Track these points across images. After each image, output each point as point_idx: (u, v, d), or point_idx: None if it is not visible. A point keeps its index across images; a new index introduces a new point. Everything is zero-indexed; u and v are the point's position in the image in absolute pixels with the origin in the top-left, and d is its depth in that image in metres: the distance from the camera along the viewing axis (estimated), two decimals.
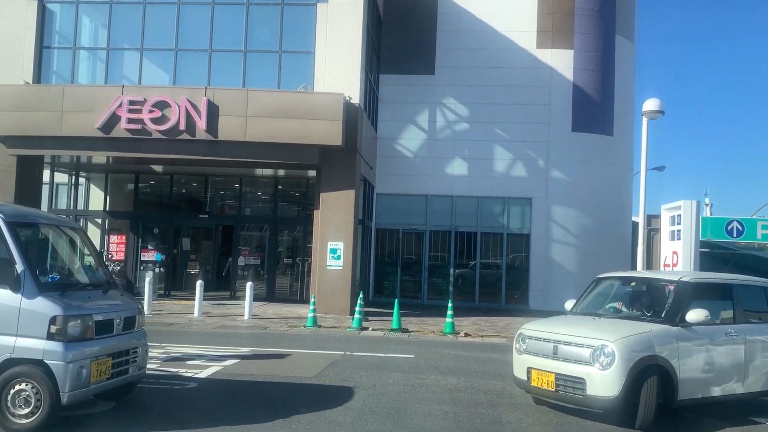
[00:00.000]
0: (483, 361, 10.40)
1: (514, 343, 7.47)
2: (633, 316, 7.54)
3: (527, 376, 7.08)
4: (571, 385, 6.61)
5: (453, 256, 21.07)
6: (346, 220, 16.41)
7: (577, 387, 6.56)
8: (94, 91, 16.61)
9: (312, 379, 8.35)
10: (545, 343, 6.99)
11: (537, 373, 6.94)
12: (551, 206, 20.68)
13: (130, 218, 20.20)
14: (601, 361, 6.44)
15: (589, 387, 6.47)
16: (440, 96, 21.05)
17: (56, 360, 5.40)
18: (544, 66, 20.94)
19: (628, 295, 8.05)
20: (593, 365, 6.49)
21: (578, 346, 6.68)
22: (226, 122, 15.86)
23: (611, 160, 21.38)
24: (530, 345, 7.19)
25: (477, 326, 15.20)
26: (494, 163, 20.86)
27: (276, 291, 19.36)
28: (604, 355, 6.45)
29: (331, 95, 16.04)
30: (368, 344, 11.80)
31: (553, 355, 6.85)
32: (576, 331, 6.92)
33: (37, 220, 6.19)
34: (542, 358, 6.95)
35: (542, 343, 7.04)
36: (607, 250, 20.66)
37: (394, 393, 7.72)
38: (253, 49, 17.43)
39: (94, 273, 6.59)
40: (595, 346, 6.55)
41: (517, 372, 7.33)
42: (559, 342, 6.86)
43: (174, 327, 13.29)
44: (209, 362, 9.16)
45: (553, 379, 6.74)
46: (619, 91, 21.54)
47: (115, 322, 6.02)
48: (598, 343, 6.54)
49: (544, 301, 20.31)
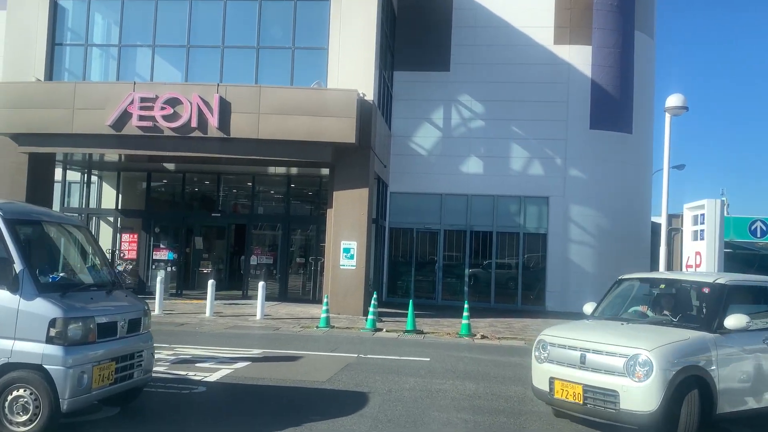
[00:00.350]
0: (501, 364, 10.05)
1: (534, 351, 6.90)
2: (664, 321, 6.99)
3: (550, 386, 6.51)
4: (601, 398, 6.06)
5: (468, 255, 20.71)
6: (359, 218, 16.11)
7: (608, 400, 6.01)
8: (105, 88, 16.43)
9: (325, 383, 8.04)
10: (571, 351, 6.42)
11: (561, 384, 6.38)
12: (569, 205, 20.25)
13: (142, 217, 20.04)
14: (637, 372, 5.90)
15: (623, 400, 5.91)
16: (455, 93, 20.68)
17: (56, 365, 5.13)
18: (562, 62, 20.52)
19: (655, 297, 7.55)
20: (628, 376, 5.94)
21: (610, 355, 6.13)
22: (238, 119, 15.62)
23: (630, 158, 20.92)
24: (553, 353, 6.62)
25: (493, 328, 14.85)
26: (510, 161, 20.47)
27: (288, 291, 19.11)
28: (640, 366, 5.91)
29: (344, 92, 15.75)
30: (382, 346, 11.49)
31: (581, 364, 6.28)
32: (606, 338, 6.36)
33: (38, 218, 5.90)
34: (567, 368, 6.38)
35: (567, 351, 6.46)
36: (625, 250, 20.21)
37: (410, 399, 7.40)
38: (265, 45, 17.18)
39: (98, 273, 6.31)
40: (629, 355, 6.00)
41: (538, 382, 6.75)
42: (588, 350, 6.29)
43: (185, 327, 13.06)
44: (219, 365, 8.90)
45: (581, 391, 6.18)
46: (638, 88, 21.07)
47: (119, 324, 5.74)
48: (633, 351, 6.00)
49: (561, 303, 19.91)
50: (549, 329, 7.03)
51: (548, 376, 6.54)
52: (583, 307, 7.81)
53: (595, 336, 6.49)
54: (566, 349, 6.48)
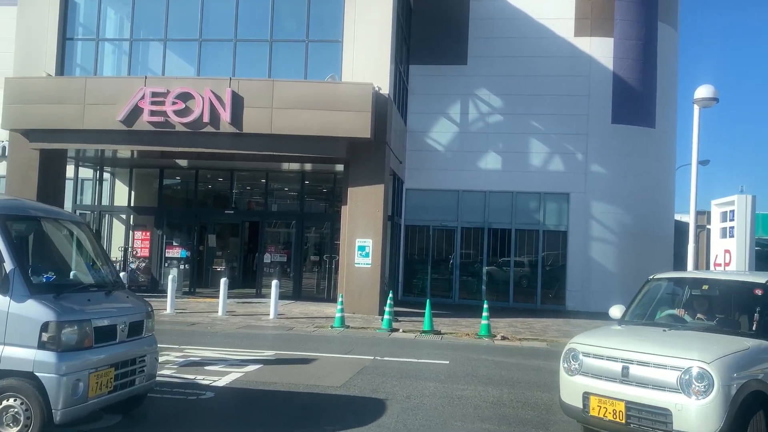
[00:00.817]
0: (525, 368, 9.57)
1: (563, 362, 6.09)
2: (710, 327, 6.28)
3: (583, 403, 5.72)
4: (649, 418, 5.28)
5: (485, 253, 20.21)
6: (374, 216, 15.68)
7: (658, 420, 5.24)
8: (116, 83, 16.15)
9: (340, 389, 7.62)
10: (610, 363, 5.63)
11: (598, 401, 5.59)
12: (590, 202, 19.69)
13: (155, 214, 19.77)
14: (694, 387, 5.14)
15: (676, 421, 5.15)
16: (473, 87, 20.18)
17: (48, 372, 4.74)
18: (583, 55, 19.95)
19: (693, 300, 6.88)
20: (683, 392, 5.17)
21: (659, 368, 5.34)
22: (250, 114, 15.26)
23: (653, 153, 20.30)
24: (587, 364, 5.83)
25: (513, 328, 14.36)
26: (530, 156, 19.94)
27: (303, 289, 18.75)
28: (696, 380, 5.15)
29: (359, 85, 15.32)
30: (399, 348, 11.06)
31: (623, 377, 5.50)
32: (651, 348, 5.58)
33: (32, 214, 5.48)
34: (606, 381, 5.62)
35: (605, 361, 5.68)
36: (648, 248, 19.64)
37: (431, 407, 6.95)
38: (279, 38, 16.77)
39: (97, 272, 5.91)
40: (683, 367, 5.23)
41: (568, 397, 5.95)
42: (631, 361, 5.49)
43: (196, 327, 12.71)
44: (229, 368, 8.51)
45: (623, 409, 5.40)
46: (661, 81, 20.43)
47: (119, 327, 5.33)
48: (687, 363, 5.22)
49: (582, 302, 19.38)
50: (580, 337, 6.30)
51: (582, 391, 5.77)
52: (609, 309, 7.04)
53: (638, 345, 5.71)
54: (604, 360, 5.72)
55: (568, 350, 6.13)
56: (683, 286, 7.23)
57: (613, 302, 19.62)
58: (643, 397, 5.37)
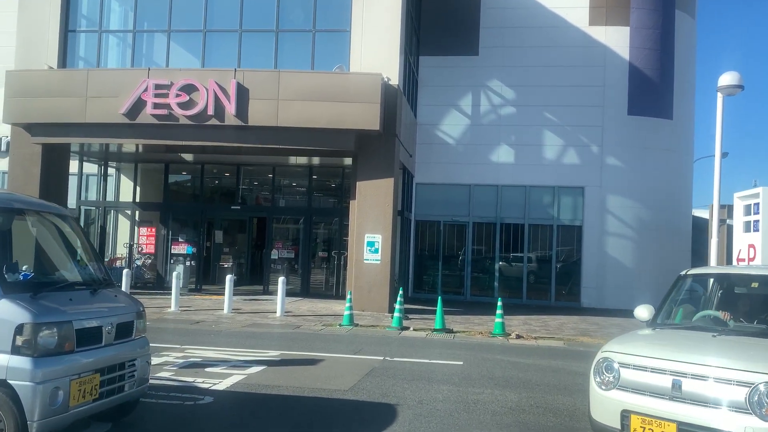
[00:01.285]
0: (542, 369, 9.07)
1: (594, 374, 5.26)
2: None
3: (622, 423, 4.92)
4: None
5: (498, 249, 19.69)
6: (384, 210, 15.20)
7: None
8: (118, 75, 15.75)
9: (347, 392, 7.15)
10: (656, 375, 4.83)
11: (642, 421, 4.79)
12: (606, 196, 19.12)
13: (161, 210, 19.38)
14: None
15: None
16: (484, 78, 19.64)
17: (23, 380, 4.28)
18: (598, 44, 19.36)
19: (738, 299, 6.18)
20: (754, 413, 4.37)
21: (721, 383, 4.55)
22: (256, 106, 14.82)
23: (671, 145, 19.70)
24: (626, 377, 5.01)
25: (528, 326, 13.87)
26: (543, 149, 19.38)
27: (311, 286, 18.32)
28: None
29: (368, 75, 14.84)
30: (410, 347, 10.59)
31: (674, 394, 4.72)
32: (707, 357, 4.76)
33: (9, 205, 5.05)
34: (651, 398, 4.81)
35: (650, 374, 4.88)
36: (665, 244, 19.10)
37: (445, 413, 6.46)
38: (285, 28, 16.29)
39: (83, 269, 5.45)
40: (752, 382, 4.44)
41: (602, 415, 5.13)
42: (684, 374, 4.70)
43: (200, 325, 12.30)
44: (231, 369, 8.07)
45: (675, 431, 4.65)
46: (678, 72, 19.81)
47: (105, 329, 4.87)
48: (758, 378, 4.44)
49: (598, 299, 18.85)
50: (614, 344, 5.44)
51: (619, 409, 4.96)
52: (635, 310, 6.17)
53: (690, 354, 4.88)
54: (648, 372, 4.91)
55: (601, 360, 5.28)
56: (723, 284, 6.51)
57: (630, 299, 19.05)
58: (700, 418, 4.57)
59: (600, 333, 13.29)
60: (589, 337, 12.62)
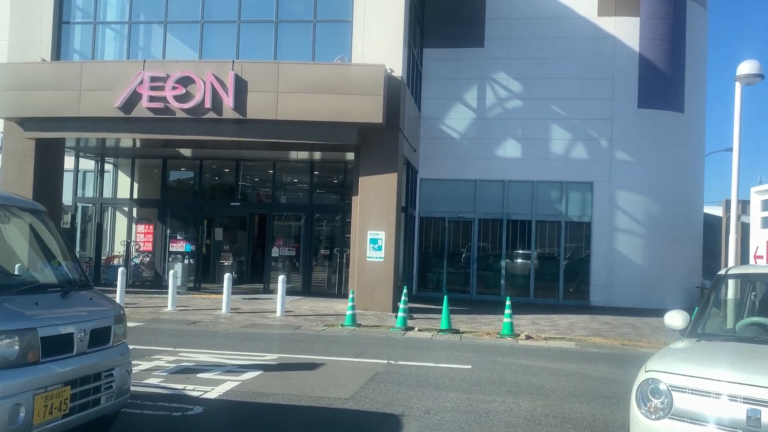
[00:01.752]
0: (555, 373, 8.57)
1: (637, 399, 4.29)
2: None
3: None
4: None
5: (504, 246, 19.19)
6: (387, 206, 14.70)
7: None
8: (113, 67, 15.27)
9: (348, 401, 6.66)
10: (725, 402, 3.90)
11: None
12: (615, 191, 18.59)
13: (159, 206, 18.91)
14: None
15: None
16: (490, 71, 19.11)
17: None
18: (607, 36, 18.81)
19: None
20: None
21: None
22: (255, 99, 14.33)
23: (682, 139, 19.14)
24: (681, 402, 4.06)
25: (536, 326, 13.36)
26: (551, 143, 18.85)
27: (312, 284, 17.84)
28: None
29: (370, 67, 14.32)
30: (415, 349, 10.10)
31: (749, 427, 3.79)
32: None
33: None
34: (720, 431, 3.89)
35: (714, 400, 3.95)
36: (677, 240, 18.58)
37: (454, 425, 5.96)
38: (285, 18, 15.78)
39: (55, 269, 4.93)
40: None
41: None
42: (763, 402, 3.78)
43: (196, 326, 11.83)
44: (225, 375, 7.59)
45: None
46: (690, 63, 19.23)
47: (77, 336, 4.36)
48: None
49: (607, 297, 18.34)
50: (659, 361, 4.42)
51: None
52: (665, 316, 5.20)
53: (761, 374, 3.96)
54: (711, 398, 3.97)
55: (645, 381, 4.30)
56: None
57: (640, 298, 18.38)
58: None
59: (612, 333, 12.78)
60: (602, 338, 12.11)
